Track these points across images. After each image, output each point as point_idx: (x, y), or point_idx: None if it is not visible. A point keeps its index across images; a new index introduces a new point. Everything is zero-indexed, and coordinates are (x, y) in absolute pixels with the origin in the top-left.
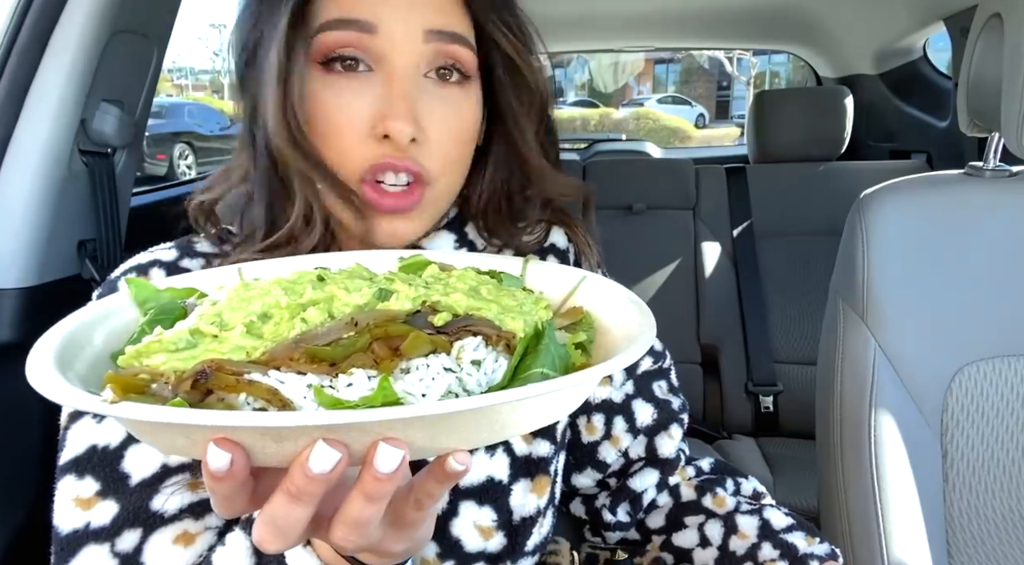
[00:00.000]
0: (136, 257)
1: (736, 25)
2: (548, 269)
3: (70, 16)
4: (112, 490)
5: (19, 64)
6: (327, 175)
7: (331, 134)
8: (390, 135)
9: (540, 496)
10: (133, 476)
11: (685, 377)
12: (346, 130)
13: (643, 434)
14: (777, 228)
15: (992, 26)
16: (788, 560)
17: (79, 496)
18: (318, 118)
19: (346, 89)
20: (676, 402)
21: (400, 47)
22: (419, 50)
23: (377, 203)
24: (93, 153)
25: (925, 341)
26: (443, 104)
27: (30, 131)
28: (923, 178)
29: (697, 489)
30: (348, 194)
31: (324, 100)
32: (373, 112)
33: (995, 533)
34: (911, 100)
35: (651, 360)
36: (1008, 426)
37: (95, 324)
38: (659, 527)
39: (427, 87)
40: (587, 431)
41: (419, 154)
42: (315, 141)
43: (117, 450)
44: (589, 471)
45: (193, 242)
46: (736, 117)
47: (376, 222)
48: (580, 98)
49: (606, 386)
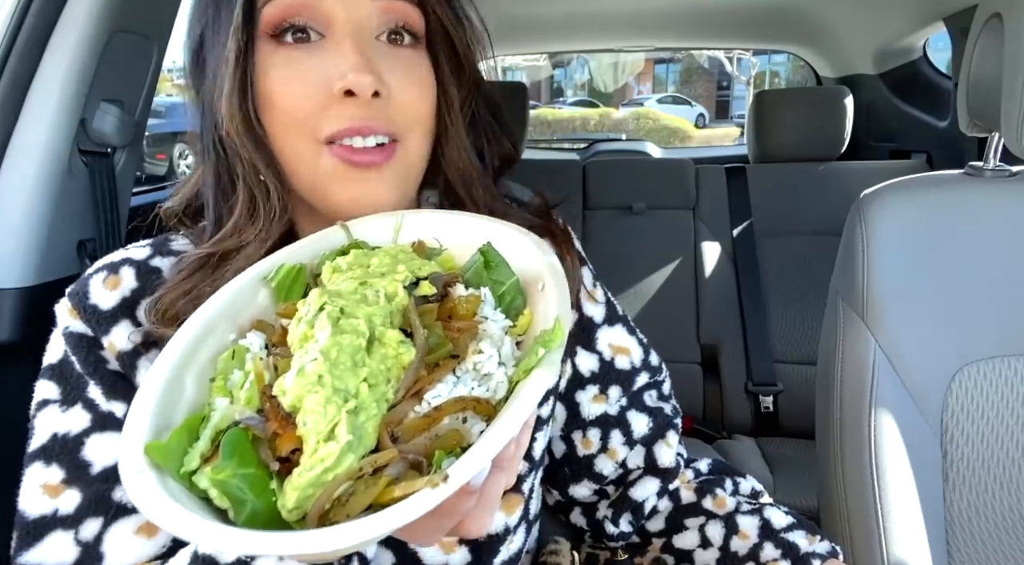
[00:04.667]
0: (109, 256)
1: (736, 25)
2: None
3: (70, 16)
4: (75, 478)
5: (19, 64)
6: (275, 163)
7: (289, 107)
8: (352, 89)
9: (509, 514)
10: (95, 465)
11: (685, 377)
12: (305, 98)
13: (640, 444)
14: (777, 228)
15: (992, 26)
16: (790, 560)
17: (47, 482)
18: (275, 93)
19: (297, 58)
20: (667, 407)
21: (348, 7)
22: (366, 9)
23: (347, 158)
24: (93, 153)
25: (925, 341)
26: (399, 64)
27: (30, 131)
28: (923, 178)
29: (697, 491)
30: (311, 163)
31: (279, 74)
32: (331, 73)
33: (995, 532)
34: (911, 100)
35: (647, 376)
36: (1008, 426)
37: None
38: (659, 530)
39: (380, 49)
40: (583, 445)
41: (384, 113)
42: (274, 119)
43: (78, 438)
44: (586, 482)
45: (170, 239)
46: (736, 117)
47: (341, 187)
48: (580, 98)
49: (601, 403)
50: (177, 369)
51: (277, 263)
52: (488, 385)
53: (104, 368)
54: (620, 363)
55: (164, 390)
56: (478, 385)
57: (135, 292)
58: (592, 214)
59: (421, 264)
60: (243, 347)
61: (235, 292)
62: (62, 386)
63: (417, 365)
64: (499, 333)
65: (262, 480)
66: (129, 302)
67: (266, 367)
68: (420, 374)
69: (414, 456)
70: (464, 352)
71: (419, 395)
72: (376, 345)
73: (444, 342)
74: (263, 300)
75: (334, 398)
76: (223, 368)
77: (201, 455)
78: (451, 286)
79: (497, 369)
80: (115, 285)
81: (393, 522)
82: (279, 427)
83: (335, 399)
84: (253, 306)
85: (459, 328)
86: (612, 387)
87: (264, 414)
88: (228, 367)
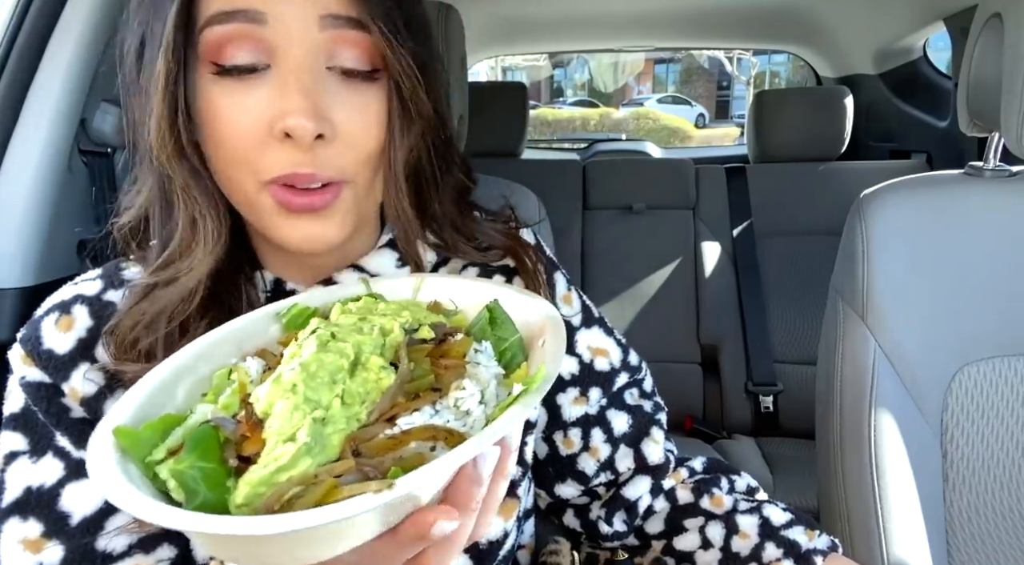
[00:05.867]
0: (59, 293)
1: (736, 25)
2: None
3: (70, 16)
4: (55, 531)
5: (19, 64)
6: (210, 189)
7: (228, 141)
8: (291, 133)
9: (507, 519)
10: (74, 515)
11: (685, 377)
12: (242, 135)
13: (624, 443)
14: (777, 228)
15: (992, 26)
16: (792, 558)
17: (27, 537)
18: (213, 125)
19: (239, 90)
20: (648, 405)
21: (294, 37)
22: (315, 38)
23: (287, 202)
24: (93, 153)
25: (925, 341)
26: (349, 96)
27: (30, 131)
28: (923, 178)
29: (693, 491)
30: (252, 200)
31: (217, 105)
32: (272, 111)
33: (995, 533)
34: (911, 100)
35: (627, 375)
36: (1008, 426)
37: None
38: (658, 532)
39: (331, 81)
40: (564, 445)
41: (328, 155)
42: (213, 149)
43: (53, 489)
44: (571, 482)
45: (121, 267)
46: (736, 117)
47: (288, 226)
48: (580, 98)
49: (582, 405)
50: (173, 375)
51: (292, 302)
52: (465, 421)
53: (68, 418)
54: (599, 365)
55: (155, 390)
56: (455, 419)
57: (91, 331)
58: (592, 214)
59: (428, 315)
60: (242, 368)
61: (248, 321)
62: (29, 436)
63: (395, 390)
64: (488, 377)
65: (219, 475)
66: (86, 342)
67: (252, 380)
68: (398, 400)
69: (371, 470)
70: (447, 388)
71: (392, 420)
72: (359, 369)
73: (427, 374)
74: (272, 334)
75: (303, 406)
76: (218, 384)
77: (168, 449)
78: (451, 336)
79: (477, 407)
80: (69, 326)
81: (327, 516)
82: (248, 430)
83: (304, 407)
84: (261, 337)
85: (446, 365)
86: (592, 389)
87: (238, 419)
88: (222, 385)
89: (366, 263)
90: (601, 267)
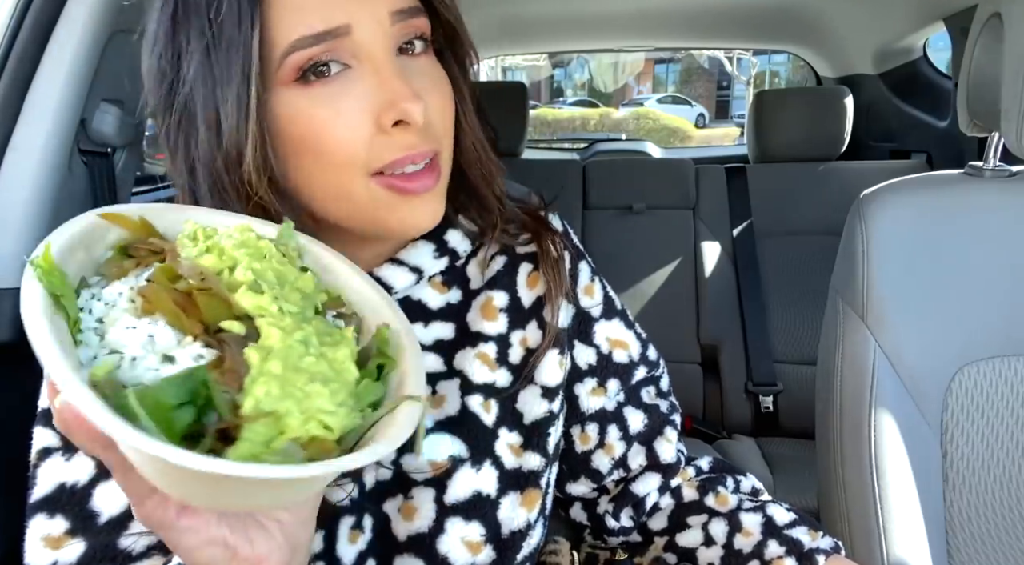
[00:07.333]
0: None
1: (736, 25)
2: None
3: (70, 16)
4: (81, 529)
5: (19, 64)
6: (297, 208)
7: (333, 145)
8: (406, 119)
9: (530, 510)
10: (102, 514)
11: (685, 377)
12: (349, 136)
13: (638, 442)
14: (777, 228)
15: (992, 26)
16: (794, 556)
17: (49, 535)
18: (316, 137)
19: (332, 95)
20: (664, 404)
21: (376, 37)
22: (389, 33)
23: (401, 188)
24: (93, 153)
25: (925, 341)
26: (424, 74)
27: (30, 131)
28: (923, 178)
29: (699, 489)
30: (359, 194)
31: (313, 115)
32: (373, 104)
33: (995, 533)
34: (911, 100)
35: (645, 369)
36: (1008, 426)
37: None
38: (662, 528)
39: (404, 66)
40: (581, 441)
41: (428, 132)
42: (305, 162)
43: (86, 488)
44: (584, 480)
45: None
46: (736, 117)
47: (407, 208)
48: (580, 98)
49: (600, 396)
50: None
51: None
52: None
53: None
54: (618, 356)
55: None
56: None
57: None
58: (592, 214)
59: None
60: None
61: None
62: (61, 433)
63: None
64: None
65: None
66: None
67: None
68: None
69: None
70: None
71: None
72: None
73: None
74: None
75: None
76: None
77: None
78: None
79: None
80: None
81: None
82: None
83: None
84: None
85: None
86: (610, 380)
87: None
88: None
89: (403, 256)
90: (601, 267)
